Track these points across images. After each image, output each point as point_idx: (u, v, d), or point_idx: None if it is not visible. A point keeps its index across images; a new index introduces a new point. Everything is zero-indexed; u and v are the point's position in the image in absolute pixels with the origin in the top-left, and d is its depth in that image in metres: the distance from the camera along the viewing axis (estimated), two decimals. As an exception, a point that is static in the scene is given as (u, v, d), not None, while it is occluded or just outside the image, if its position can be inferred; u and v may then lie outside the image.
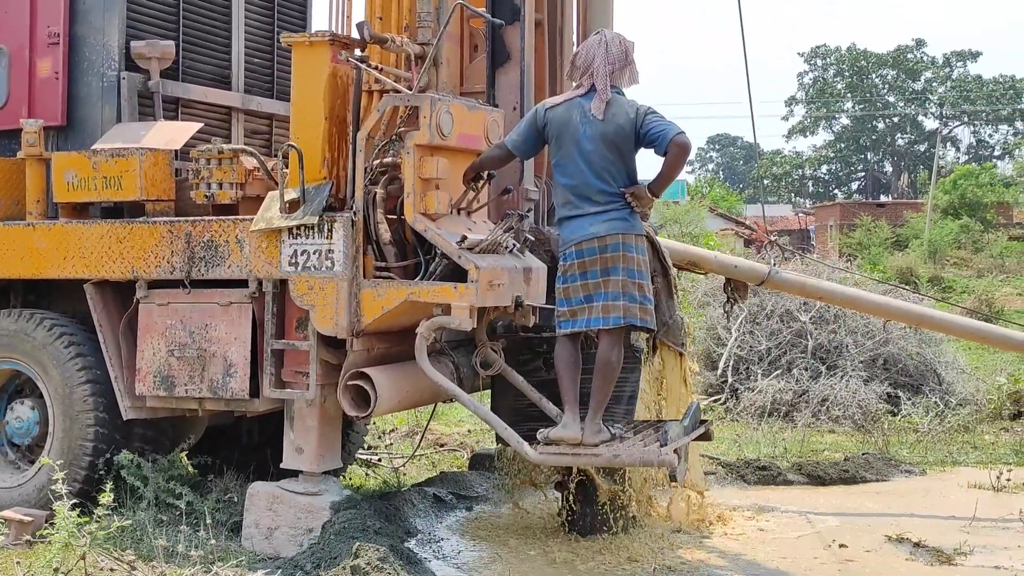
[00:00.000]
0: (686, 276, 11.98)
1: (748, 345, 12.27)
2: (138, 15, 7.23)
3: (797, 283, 8.77)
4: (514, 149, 6.12)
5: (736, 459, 9.02)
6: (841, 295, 9.08)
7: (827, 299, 9.32)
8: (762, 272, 8.36)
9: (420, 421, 10.06)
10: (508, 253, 6.10)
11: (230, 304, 6.35)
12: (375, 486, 8.19)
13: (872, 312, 9.78)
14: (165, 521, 6.32)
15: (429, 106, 5.94)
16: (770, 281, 8.43)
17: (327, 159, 6.21)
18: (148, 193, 6.61)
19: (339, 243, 6.04)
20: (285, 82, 8.00)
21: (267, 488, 6.34)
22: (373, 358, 6.25)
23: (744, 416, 11.13)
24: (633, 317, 5.83)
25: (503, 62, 6.96)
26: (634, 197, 5.87)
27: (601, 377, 5.85)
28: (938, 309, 12.07)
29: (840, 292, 9.15)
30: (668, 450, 5.65)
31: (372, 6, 6.81)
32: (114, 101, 7.05)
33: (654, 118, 5.85)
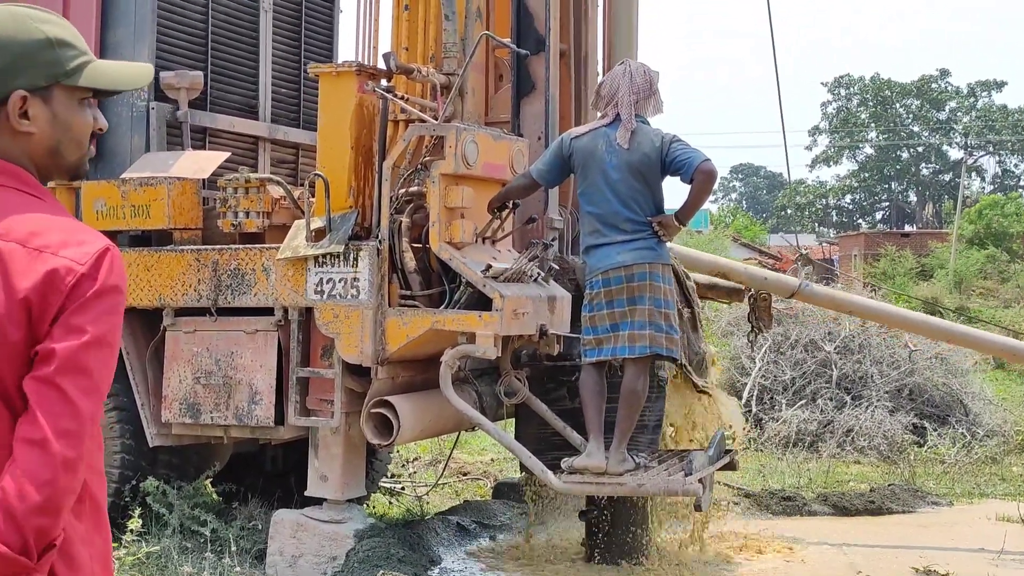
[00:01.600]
0: (710, 305, 11.96)
1: (772, 375, 12.22)
2: (167, 46, 7.30)
3: (827, 296, 8.73)
4: (539, 178, 6.15)
5: (761, 489, 8.97)
6: (870, 309, 9.04)
7: (857, 312, 9.29)
8: (792, 285, 8.33)
9: (443, 450, 10.06)
10: (533, 282, 6.12)
11: (256, 332, 6.38)
12: (399, 514, 8.19)
13: (900, 326, 9.75)
14: (190, 548, 6.33)
15: (455, 136, 5.98)
16: (800, 293, 8.40)
17: (353, 188, 6.26)
18: (176, 221, 6.66)
19: (365, 271, 6.07)
20: (311, 112, 8.06)
21: (291, 516, 6.35)
22: (398, 386, 6.27)
23: (768, 446, 11.07)
24: (659, 347, 5.83)
25: (528, 92, 7.00)
26: (661, 226, 5.89)
27: (626, 406, 5.85)
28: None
29: (869, 306, 9.12)
30: (693, 479, 5.64)
31: (398, 36, 6.86)
32: (143, 131, 7.11)
33: (679, 146, 5.88)
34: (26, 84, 2.02)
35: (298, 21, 8.37)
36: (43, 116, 2.04)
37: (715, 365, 7.43)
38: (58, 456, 1.85)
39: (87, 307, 1.90)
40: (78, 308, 1.90)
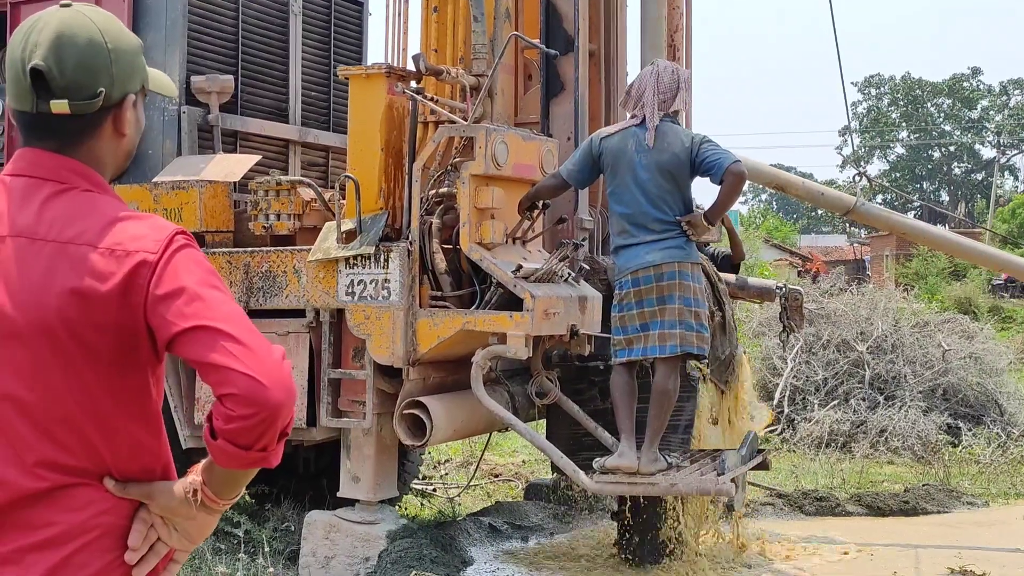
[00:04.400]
0: (742, 306, 11.91)
1: (804, 375, 12.15)
2: (198, 51, 7.35)
3: (882, 216, 8.66)
4: (569, 178, 6.14)
5: (794, 490, 8.93)
6: (926, 233, 8.95)
7: (911, 236, 9.23)
8: (848, 202, 8.28)
9: (475, 451, 10.06)
10: (563, 282, 6.11)
11: (288, 334, 6.41)
12: (431, 515, 8.20)
13: (958, 254, 9.65)
14: (224, 550, 6.37)
15: (484, 136, 5.99)
16: (855, 212, 8.35)
17: (383, 190, 6.27)
18: (207, 224, 6.70)
19: (395, 273, 6.08)
20: (341, 115, 8.08)
21: (324, 517, 6.37)
22: (429, 387, 6.28)
23: (801, 446, 11.02)
24: (690, 345, 5.82)
25: (557, 92, 7.00)
26: (690, 225, 5.87)
27: (657, 406, 5.84)
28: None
29: (925, 229, 9.04)
30: (725, 479, 5.62)
31: (427, 38, 6.88)
32: (175, 135, 7.16)
33: (709, 147, 5.86)
34: (133, 88, 2.09)
35: (327, 24, 8.41)
36: (133, 119, 2.12)
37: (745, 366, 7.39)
38: (255, 349, 1.90)
39: (173, 279, 1.94)
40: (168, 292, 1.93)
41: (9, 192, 2.03)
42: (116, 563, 2.00)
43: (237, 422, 1.87)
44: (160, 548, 2.05)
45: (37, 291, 1.94)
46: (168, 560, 2.09)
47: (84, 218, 1.98)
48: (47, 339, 1.93)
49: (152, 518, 2.04)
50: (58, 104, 1.99)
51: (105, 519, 1.99)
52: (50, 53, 1.98)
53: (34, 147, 2.05)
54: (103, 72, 2.02)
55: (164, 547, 2.06)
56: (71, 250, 1.95)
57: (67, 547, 1.95)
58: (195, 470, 2.05)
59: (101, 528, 1.99)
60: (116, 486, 2.01)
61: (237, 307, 1.96)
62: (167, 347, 1.95)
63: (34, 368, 1.95)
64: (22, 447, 1.95)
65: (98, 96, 2.03)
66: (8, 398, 1.95)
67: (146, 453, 2.06)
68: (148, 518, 2.04)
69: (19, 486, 1.95)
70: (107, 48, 2.03)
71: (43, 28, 2.01)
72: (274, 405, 1.87)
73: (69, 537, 1.96)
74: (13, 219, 1.99)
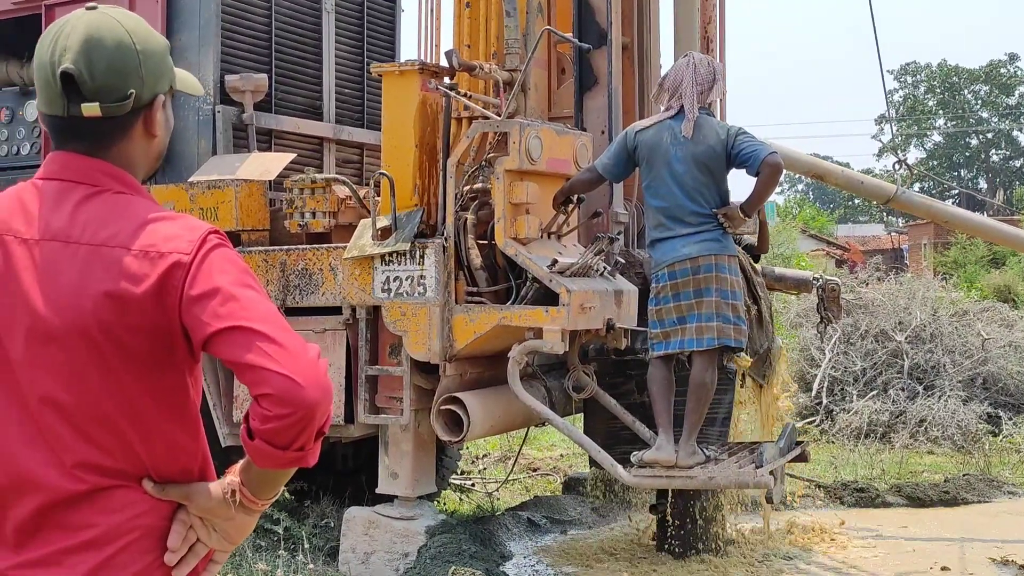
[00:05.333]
0: (778, 297, 11.85)
1: (842, 366, 12.08)
2: (232, 50, 7.38)
3: (923, 205, 8.58)
4: (604, 172, 6.13)
5: (833, 481, 8.88)
6: (968, 220, 8.86)
7: (953, 223, 9.14)
8: (889, 191, 8.20)
9: (512, 446, 10.07)
10: (599, 276, 6.10)
11: (324, 331, 6.43)
12: (469, 511, 8.21)
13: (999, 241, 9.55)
14: (264, 546, 6.40)
15: (518, 131, 5.98)
16: (896, 200, 8.27)
17: (418, 186, 6.28)
18: (243, 223, 6.73)
19: (431, 269, 6.09)
20: (375, 112, 8.11)
21: (363, 513, 6.39)
22: (466, 383, 6.28)
23: (840, 437, 10.95)
24: (727, 338, 5.80)
25: (591, 86, 6.98)
26: (726, 218, 5.85)
27: (695, 399, 5.82)
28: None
29: (967, 217, 8.94)
30: (764, 471, 5.60)
31: (460, 34, 6.88)
32: (209, 134, 7.19)
33: (745, 138, 5.84)
34: (162, 89, 2.11)
35: (360, 22, 8.42)
36: (163, 120, 2.15)
37: (783, 359, 7.35)
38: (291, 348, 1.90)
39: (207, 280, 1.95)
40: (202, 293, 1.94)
41: (41, 196, 2.04)
42: (156, 564, 2.01)
43: (274, 422, 1.88)
44: (199, 549, 2.06)
45: (72, 294, 1.95)
46: (208, 560, 2.10)
47: (117, 220, 1.99)
48: (84, 342, 1.94)
49: (191, 519, 2.05)
50: (89, 107, 2.00)
51: (144, 520, 2.01)
52: (80, 56, 1.99)
53: (65, 150, 2.06)
54: (133, 74, 2.03)
55: (203, 548, 2.07)
56: (105, 252, 1.95)
57: (108, 548, 1.97)
58: (233, 470, 2.06)
59: (141, 529, 2.00)
60: (155, 487, 2.02)
61: (272, 306, 1.97)
62: (203, 347, 1.96)
63: (71, 371, 1.96)
64: (61, 449, 1.97)
65: (128, 98, 2.03)
66: (47, 401, 1.96)
67: (184, 454, 2.07)
68: (187, 519, 2.05)
69: (59, 488, 1.96)
70: (136, 50, 2.04)
71: (71, 32, 2.01)
72: (310, 404, 1.88)
73: (109, 538, 1.97)
74: (47, 223, 2.00)
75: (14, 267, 1.98)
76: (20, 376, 1.97)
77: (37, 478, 1.96)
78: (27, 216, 2.01)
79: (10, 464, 1.97)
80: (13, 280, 1.98)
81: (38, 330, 1.96)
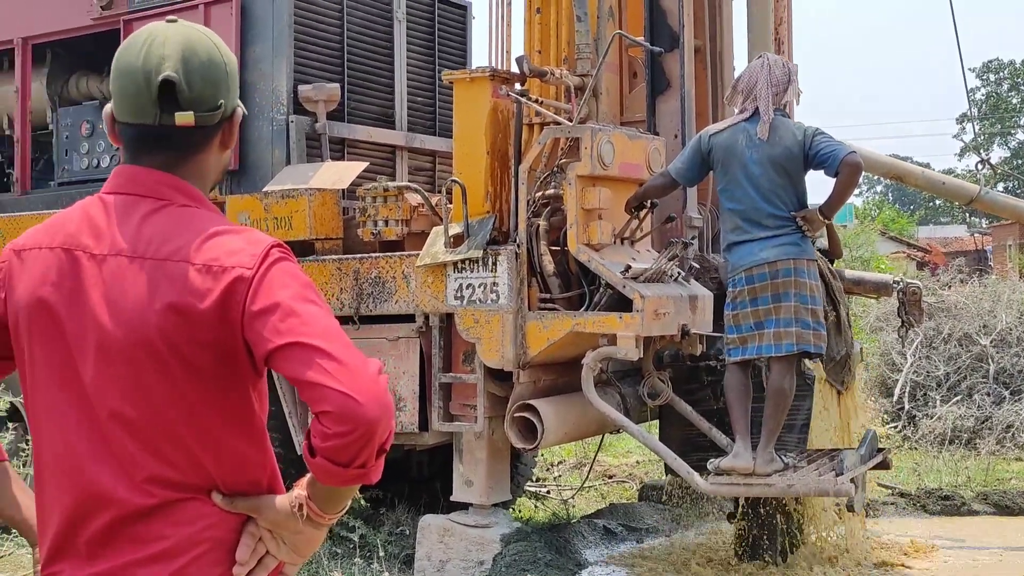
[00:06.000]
0: (857, 301, 11.66)
1: (925, 370, 11.84)
2: (304, 60, 7.43)
3: (1008, 205, 8.38)
4: (678, 177, 6.05)
5: (916, 489, 8.70)
6: None
7: None
8: (971, 191, 8.02)
9: (587, 452, 10.02)
10: (673, 281, 6.03)
11: (398, 339, 6.44)
12: (544, 518, 8.18)
13: None
14: (340, 554, 6.43)
15: (590, 137, 5.94)
16: (979, 201, 8.10)
17: (490, 193, 6.26)
18: (317, 232, 6.76)
19: (503, 276, 6.06)
20: (446, 119, 8.10)
21: (438, 521, 6.39)
22: (539, 390, 6.25)
23: (923, 444, 10.74)
24: (807, 344, 5.69)
25: (663, 90, 6.91)
26: (805, 220, 5.75)
27: (773, 405, 5.73)
28: None
29: None
30: (845, 479, 5.49)
31: (531, 40, 6.86)
32: (283, 144, 7.25)
33: (823, 139, 5.74)
34: (236, 103, 2.13)
35: (431, 30, 8.44)
36: (236, 133, 2.15)
37: (861, 364, 7.20)
38: (350, 365, 1.88)
39: (268, 295, 1.93)
40: (263, 308, 1.92)
41: (108, 210, 2.04)
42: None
43: (334, 440, 1.86)
44: (268, 562, 2.05)
45: (138, 309, 1.95)
46: (277, 573, 2.09)
47: (181, 234, 1.98)
48: (150, 357, 1.94)
49: (260, 531, 2.04)
50: (184, 116, 2.00)
51: (214, 533, 2.00)
52: (180, 65, 2.00)
53: (138, 163, 2.06)
54: (222, 85, 2.05)
55: (272, 560, 2.05)
56: (169, 267, 1.95)
57: (179, 560, 1.96)
58: (300, 484, 2.05)
59: (211, 541, 1.99)
60: (224, 500, 2.01)
61: (333, 321, 1.94)
62: (265, 363, 1.95)
63: (139, 386, 1.96)
64: (131, 464, 1.97)
65: (219, 108, 2.05)
66: (115, 416, 1.97)
67: (252, 466, 2.06)
68: (256, 532, 2.04)
69: (129, 503, 1.96)
70: (224, 62, 2.06)
71: (166, 41, 2.01)
72: (369, 422, 1.85)
73: (180, 550, 1.97)
74: (114, 238, 2.00)
75: (84, 283, 1.99)
76: (90, 392, 1.97)
77: (108, 493, 1.97)
78: (95, 231, 2.02)
79: (82, 480, 1.98)
80: (84, 296, 1.98)
81: (106, 346, 1.96)
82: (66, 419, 1.99)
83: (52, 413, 2.01)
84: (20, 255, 2.06)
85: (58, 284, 2.00)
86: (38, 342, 2.01)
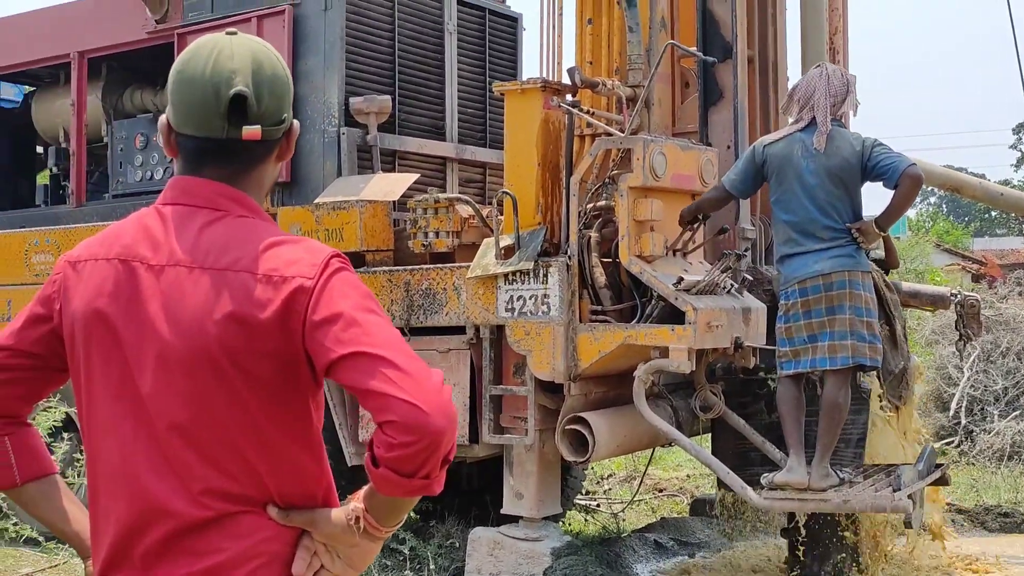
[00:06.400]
0: (913, 313, 11.50)
1: (982, 384, 11.66)
2: (356, 72, 7.45)
3: None
4: (732, 189, 5.99)
5: (974, 505, 8.55)
6: None
7: None
8: None
9: (637, 466, 9.95)
10: (726, 293, 5.97)
11: (448, 351, 6.42)
12: (595, 532, 8.12)
13: None
14: (390, 566, 6.42)
15: (642, 148, 5.89)
16: None
17: (541, 204, 6.24)
18: (368, 244, 6.77)
19: (555, 288, 6.03)
20: (497, 131, 8.10)
21: (488, 534, 6.36)
22: (590, 402, 6.21)
23: (981, 459, 10.56)
24: (863, 357, 5.61)
25: (715, 100, 6.85)
26: (860, 232, 5.67)
27: (828, 419, 5.64)
28: None
29: None
30: (902, 495, 5.39)
31: (582, 51, 6.83)
32: (334, 156, 7.26)
33: (882, 150, 5.65)
34: (292, 116, 2.12)
35: (482, 41, 8.44)
36: (291, 146, 2.14)
37: (920, 378, 7.09)
38: (415, 374, 1.87)
39: (330, 304, 1.92)
40: (325, 318, 1.92)
41: (166, 221, 2.04)
42: None
43: (399, 450, 1.84)
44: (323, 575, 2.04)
45: (198, 319, 1.94)
46: None
47: (240, 244, 1.98)
48: (210, 367, 1.94)
49: (315, 545, 2.02)
50: (251, 130, 2.00)
51: (270, 546, 1.99)
52: (251, 79, 2.00)
53: (197, 174, 2.05)
54: (286, 99, 2.06)
55: (327, 574, 2.04)
56: (229, 277, 1.95)
57: (235, 573, 1.95)
58: (357, 496, 2.03)
59: (267, 555, 1.98)
60: (279, 514, 2.00)
61: (395, 331, 1.93)
62: (325, 373, 1.93)
63: (198, 397, 1.95)
64: (188, 476, 1.96)
65: (283, 122, 2.06)
66: (174, 427, 1.96)
67: (308, 479, 2.04)
68: (311, 545, 2.02)
69: (186, 515, 1.96)
70: (286, 76, 2.07)
71: (233, 54, 2.01)
72: (436, 432, 1.84)
73: (237, 563, 1.96)
74: (172, 248, 2.00)
75: (142, 294, 1.98)
76: (148, 403, 1.97)
77: (165, 505, 1.96)
78: (153, 242, 2.02)
79: (138, 491, 1.98)
80: (142, 307, 1.98)
81: (166, 356, 1.95)
82: (122, 430, 1.99)
83: (108, 424, 2.01)
84: (75, 267, 2.06)
85: (115, 295, 2.00)
86: (95, 353, 2.01)
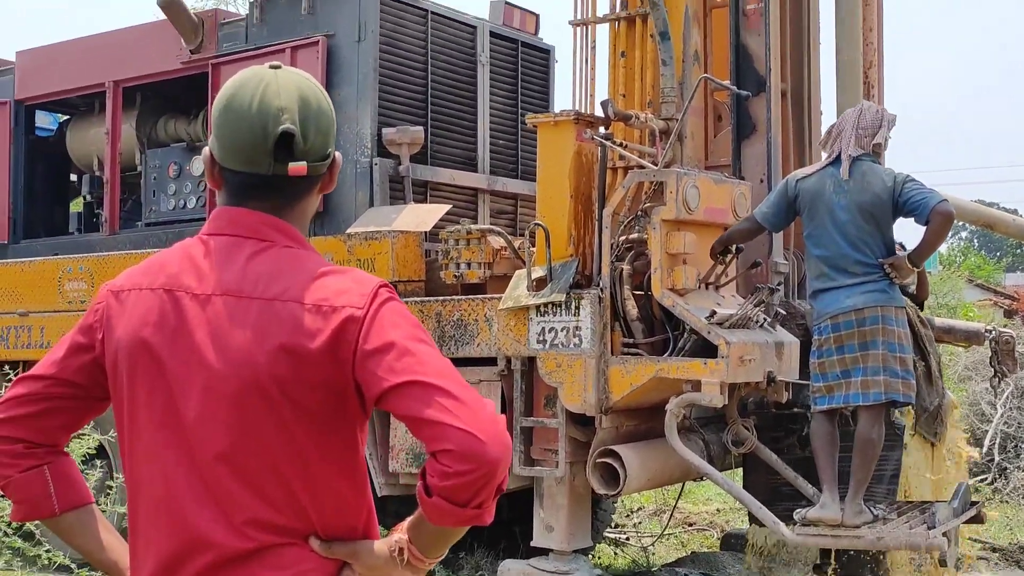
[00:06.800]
0: (946, 349, 11.40)
1: (1016, 421, 11.54)
2: (389, 103, 7.49)
3: None
4: (764, 222, 5.98)
5: (1009, 543, 8.45)
6: None
7: None
8: None
9: (667, 499, 9.88)
10: (759, 327, 5.94)
11: (480, 382, 6.41)
12: (624, 565, 8.06)
13: None
14: (419, 598, 6.38)
15: (675, 181, 5.89)
16: None
17: (573, 236, 6.23)
18: (399, 274, 6.78)
19: (586, 320, 6.02)
20: (529, 163, 8.12)
21: (518, 566, 6.32)
22: (622, 435, 6.18)
23: (1015, 497, 10.44)
24: (896, 393, 5.56)
25: (748, 134, 6.85)
26: (893, 268, 5.63)
27: (861, 455, 5.59)
28: None
29: None
30: (937, 532, 5.34)
31: (615, 83, 6.84)
32: (367, 186, 7.29)
33: (913, 186, 5.63)
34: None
35: (515, 73, 8.47)
36: (334, 179, 2.14)
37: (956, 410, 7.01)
38: (470, 403, 1.87)
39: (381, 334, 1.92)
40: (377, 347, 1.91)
41: (210, 251, 2.03)
42: None
43: (454, 479, 1.83)
44: None
45: (246, 349, 1.94)
46: None
47: (288, 274, 1.98)
48: (258, 397, 1.93)
49: None
50: (297, 166, 1.99)
51: None
52: (298, 116, 1.99)
53: (242, 206, 2.05)
54: (331, 134, 2.06)
55: None
56: (277, 307, 1.94)
57: None
58: (401, 528, 2.02)
59: None
60: (322, 546, 1.99)
61: (447, 361, 1.93)
62: (376, 402, 1.92)
63: (245, 426, 1.94)
64: (231, 507, 1.95)
65: (328, 157, 2.06)
66: (220, 457, 1.95)
67: (351, 510, 2.04)
68: None
69: (228, 546, 1.95)
70: (331, 111, 2.06)
71: (280, 91, 2.00)
72: (492, 461, 1.83)
73: None
74: (218, 278, 1.99)
75: (188, 324, 1.98)
76: (192, 433, 1.96)
77: (206, 536, 1.95)
78: (198, 272, 2.01)
79: (180, 521, 1.97)
80: (188, 336, 1.97)
81: (212, 386, 1.95)
82: (165, 460, 1.98)
83: (151, 453, 2.00)
84: (118, 296, 2.06)
85: (160, 325, 2.00)
86: (139, 383, 2.00)
